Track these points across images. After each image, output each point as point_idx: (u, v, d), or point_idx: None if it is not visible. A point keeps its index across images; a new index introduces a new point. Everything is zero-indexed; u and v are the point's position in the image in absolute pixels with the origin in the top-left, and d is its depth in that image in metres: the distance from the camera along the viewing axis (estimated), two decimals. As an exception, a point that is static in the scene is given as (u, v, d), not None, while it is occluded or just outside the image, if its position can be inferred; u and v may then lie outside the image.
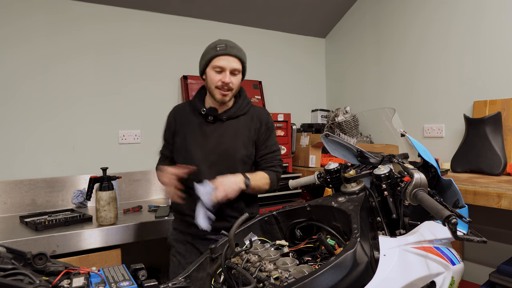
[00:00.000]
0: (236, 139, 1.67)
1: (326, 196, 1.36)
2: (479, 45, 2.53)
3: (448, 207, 1.02)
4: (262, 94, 3.33)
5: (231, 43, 1.65)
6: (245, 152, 1.66)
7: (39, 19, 2.50)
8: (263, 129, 1.72)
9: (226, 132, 1.67)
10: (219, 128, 1.68)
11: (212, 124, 1.69)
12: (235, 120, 1.70)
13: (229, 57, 1.61)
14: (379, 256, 1.01)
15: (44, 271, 0.99)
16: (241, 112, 1.71)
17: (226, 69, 1.61)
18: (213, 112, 1.68)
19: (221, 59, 1.61)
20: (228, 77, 1.61)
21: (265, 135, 1.72)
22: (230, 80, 1.61)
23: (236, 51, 1.64)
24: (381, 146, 2.62)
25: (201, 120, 1.70)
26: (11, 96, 2.42)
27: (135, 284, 0.97)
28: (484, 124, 2.33)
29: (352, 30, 3.50)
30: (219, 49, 1.61)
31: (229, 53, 1.61)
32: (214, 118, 1.68)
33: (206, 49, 1.68)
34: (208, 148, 1.65)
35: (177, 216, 1.78)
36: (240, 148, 1.66)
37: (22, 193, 2.40)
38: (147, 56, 2.85)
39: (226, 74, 1.61)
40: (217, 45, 1.63)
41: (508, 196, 1.72)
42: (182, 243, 1.72)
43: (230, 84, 1.62)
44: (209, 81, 1.64)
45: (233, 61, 1.63)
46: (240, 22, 3.27)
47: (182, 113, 1.76)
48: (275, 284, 0.97)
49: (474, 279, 2.57)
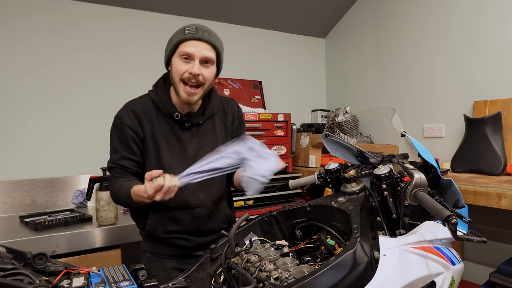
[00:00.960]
0: (216, 143, 1.43)
1: (326, 196, 1.36)
2: (479, 45, 2.53)
3: (448, 207, 1.02)
4: (262, 94, 3.33)
5: (204, 27, 1.34)
6: None
7: (39, 19, 2.50)
8: (236, 123, 1.54)
9: (206, 137, 1.44)
10: (197, 134, 1.43)
11: (188, 130, 1.42)
12: (210, 120, 1.46)
13: (199, 42, 1.30)
14: (379, 256, 1.01)
15: (44, 271, 0.99)
16: (216, 109, 1.48)
17: (195, 57, 1.30)
18: (192, 119, 1.40)
19: (189, 44, 1.30)
20: (198, 67, 1.30)
21: (239, 129, 1.55)
22: (199, 72, 1.30)
23: (209, 35, 1.33)
24: (381, 146, 2.62)
25: (172, 125, 1.41)
26: (11, 96, 2.42)
27: (135, 284, 0.97)
28: (484, 124, 2.33)
29: (352, 30, 3.50)
30: (188, 32, 1.30)
31: (200, 38, 1.30)
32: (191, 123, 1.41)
33: (174, 33, 1.36)
34: (188, 159, 1.37)
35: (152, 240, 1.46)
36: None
37: (22, 193, 2.40)
38: (147, 56, 2.85)
39: (195, 63, 1.30)
40: (186, 27, 1.32)
41: (508, 196, 1.72)
42: (166, 271, 1.42)
43: (199, 77, 1.31)
44: (174, 73, 1.33)
45: (205, 48, 1.31)
46: (240, 22, 3.26)
47: (146, 115, 1.41)
48: (275, 284, 0.97)
49: (474, 279, 2.57)
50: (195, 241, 1.45)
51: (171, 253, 1.46)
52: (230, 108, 1.53)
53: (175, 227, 1.43)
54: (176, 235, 1.44)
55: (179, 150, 1.40)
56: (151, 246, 1.48)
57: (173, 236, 1.44)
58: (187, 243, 1.45)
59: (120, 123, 1.39)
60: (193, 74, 1.29)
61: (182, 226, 1.43)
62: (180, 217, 1.42)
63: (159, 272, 1.43)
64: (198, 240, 1.45)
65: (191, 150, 1.41)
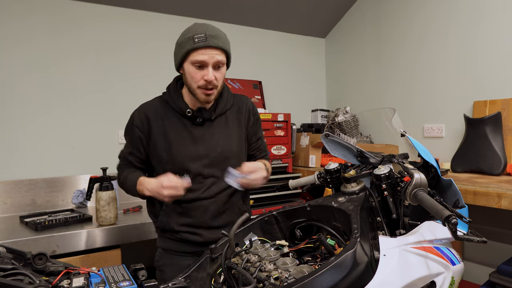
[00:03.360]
0: (229, 138, 1.50)
1: (326, 196, 1.36)
2: (479, 45, 2.53)
3: (448, 207, 1.02)
4: (262, 94, 3.33)
5: (210, 31, 1.36)
6: (239, 150, 1.52)
7: (39, 19, 2.50)
8: (252, 120, 1.57)
9: (218, 133, 1.48)
10: (209, 130, 1.47)
11: (201, 126, 1.47)
12: (223, 116, 1.51)
13: (211, 50, 1.34)
14: (379, 256, 1.01)
15: (44, 271, 0.99)
16: (229, 105, 1.52)
17: (208, 64, 1.35)
18: (203, 114, 1.45)
19: (201, 52, 1.33)
20: (212, 73, 1.35)
21: (255, 126, 1.58)
22: (213, 77, 1.36)
23: (219, 41, 1.36)
24: (381, 146, 2.62)
25: (185, 122, 1.46)
26: (11, 96, 2.42)
27: (135, 284, 0.97)
28: (484, 124, 2.33)
29: (352, 30, 3.50)
30: (198, 41, 1.33)
31: (211, 45, 1.34)
32: (203, 119, 1.46)
33: (181, 38, 1.39)
34: (199, 155, 1.45)
35: (164, 234, 1.52)
36: (234, 147, 1.50)
37: (22, 193, 2.40)
38: (147, 56, 2.85)
39: (209, 70, 1.35)
40: (194, 34, 1.34)
41: (508, 196, 1.72)
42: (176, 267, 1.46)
43: (214, 82, 1.37)
44: (189, 80, 1.39)
45: (216, 54, 1.36)
46: (240, 22, 3.26)
47: (156, 114, 1.48)
48: (275, 284, 0.97)
49: (474, 279, 2.57)
50: (206, 236, 1.46)
51: (182, 249, 1.49)
52: (244, 105, 1.56)
53: (187, 219, 1.46)
54: (188, 229, 1.47)
55: (191, 145, 1.45)
56: (163, 242, 1.54)
57: (185, 230, 1.47)
58: (198, 238, 1.47)
59: (131, 123, 1.50)
60: (209, 80, 1.36)
61: (194, 219, 1.46)
62: (193, 210, 1.46)
63: (169, 268, 1.49)
64: (210, 235, 1.45)
65: (203, 145, 1.46)
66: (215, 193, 1.47)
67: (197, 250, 1.47)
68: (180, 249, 1.50)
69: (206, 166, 1.46)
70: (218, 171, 1.46)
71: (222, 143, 1.47)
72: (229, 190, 1.49)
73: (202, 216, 1.46)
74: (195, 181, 1.43)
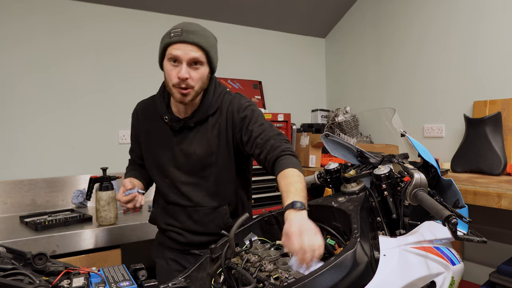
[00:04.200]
0: (207, 147, 1.39)
1: (326, 196, 1.36)
2: (479, 45, 2.53)
3: (448, 207, 1.02)
4: (262, 94, 3.33)
5: (190, 27, 1.30)
6: (220, 158, 1.40)
7: (39, 19, 2.50)
8: (237, 119, 1.38)
9: (196, 142, 1.40)
10: (187, 138, 1.41)
11: (179, 133, 1.41)
12: (204, 123, 1.40)
13: (185, 45, 1.27)
14: (379, 256, 1.01)
15: (44, 271, 0.99)
16: (212, 110, 1.39)
17: (182, 60, 1.27)
18: (177, 123, 1.39)
19: (175, 47, 1.27)
20: (185, 70, 1.27)
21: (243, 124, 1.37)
22: (187, 75, 1.27)
23: (195, 36, 1.28)
24: (381, 146, 2.62)
25: (165, 127, 1.42)
26: (11, 96, 2.42)
27: (135, 284, 0.97)
28: (484, 124, 2.33)
29: (352, 30, 3.50)
30: (173, 35, 1.28)
31: (185, 40, 1.27)
32: (180, 127, 1.40)
33: (164, 34, 1.35)
34: (178, 162, 1.42)
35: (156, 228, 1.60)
36: (213, 156, 1.39)
37: (22, 193, 2.40)
38: (147, 56, 2.85)
39: (182, 66, 1.27)
40: (172, 29, 1.30)
41: (508, 196, 1.72)
42: (165, 261, 1.52)
43: (188, 80, 1.28)
44: (166, 77, 1.33)
45: (191, 50, 1.27)
46: (240, 22, 3.26)
47: (146, 114, 1.48)
48: (275, 284, 0.97)
49: (474, 279, 2.57)
50: (190, 238, 1.47)
51: (170, 245, 1.53)
52: (226, 106, 1.40)
53: (173, 221, 1.49)
54: (173, 229, 1.49)
55: (169, 151, 1.44)
56: (157, 235, 1.62)
57: (171, 229, 1.50)
58: (182, 238, 1.48)
59: (131, 120, 1.56)
60: (181, 78, 1.27)
61: (179, 222, 1.48)
62: (178, 213, 1.48)
63: (160, 261, 1.55)
64: (193, 238, 1.46)
65: (182, 152, 1.41)
66: (196, 202, 1.43)
67: (181, 248, 1.50)
68: (167, 244, 1.54)
69: (185, 173, 1.42)
70: (197, 179, 1.42)
71: (198, 152, 1.39)
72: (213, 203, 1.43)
73: (187, 221, 1.46)
74: (176, 186, 1.44)
